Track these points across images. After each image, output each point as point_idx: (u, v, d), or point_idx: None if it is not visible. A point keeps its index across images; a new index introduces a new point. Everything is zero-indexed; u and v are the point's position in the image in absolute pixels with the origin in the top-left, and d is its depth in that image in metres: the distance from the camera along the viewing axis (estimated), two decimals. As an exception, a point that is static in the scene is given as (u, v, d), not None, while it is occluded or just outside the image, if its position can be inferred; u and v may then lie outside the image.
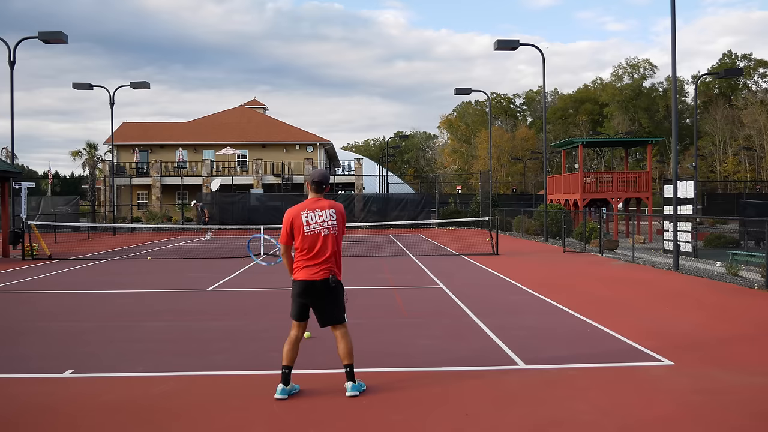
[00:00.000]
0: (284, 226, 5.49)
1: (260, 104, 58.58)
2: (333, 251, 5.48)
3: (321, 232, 5.44)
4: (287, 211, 5.54)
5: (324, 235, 5.44)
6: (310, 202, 5.54)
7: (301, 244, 5.43)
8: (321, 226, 5.44)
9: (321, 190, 5.58)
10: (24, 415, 5.09)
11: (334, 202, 5.59)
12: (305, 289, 5.44)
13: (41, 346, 7.54)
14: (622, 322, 8.64)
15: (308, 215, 5.45)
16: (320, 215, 5.46)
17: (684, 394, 5.51)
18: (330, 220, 5.48)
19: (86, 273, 15.38)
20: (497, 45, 23.96)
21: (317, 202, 5.53)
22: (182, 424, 4.85)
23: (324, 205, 5.52)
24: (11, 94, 22.14)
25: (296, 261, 5.51)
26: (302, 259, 5.46)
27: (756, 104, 66.41)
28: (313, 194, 5.57)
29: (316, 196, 5.57)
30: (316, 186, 5.56)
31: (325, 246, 5.44)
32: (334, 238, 5.50)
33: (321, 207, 5.50)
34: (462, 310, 9.70)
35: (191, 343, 7.65)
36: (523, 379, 6.00)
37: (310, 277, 5.41)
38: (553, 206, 27.23)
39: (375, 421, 4.90)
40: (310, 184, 5.58)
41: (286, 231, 5.48)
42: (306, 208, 5.49)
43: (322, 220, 5.45)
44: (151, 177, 45.77)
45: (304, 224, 5.43)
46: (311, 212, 5.46)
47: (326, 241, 5.45)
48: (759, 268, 13.26)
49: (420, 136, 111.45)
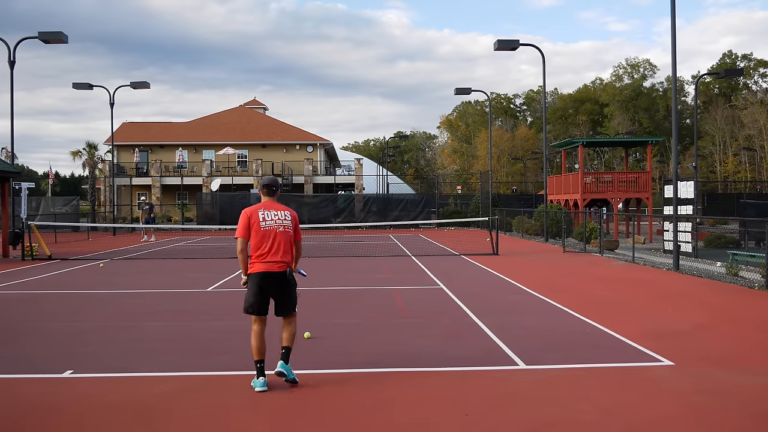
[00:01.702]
0: (241, 221, 5.80)
1: (260, 104, 58.56)
2: (287, 248, 5.82)
3: (276, 229, 5.78)
4: (244, 210, 5.88)
5: (278, 231, 5.78)
6: (265, 204, 5.93)
7: (257, 240, 5.74)
8: (276, 223, 5.80)
9: (272, 194, 5.99)
10: (27, 415, 5.09)
11: (288, 207, 6.00)
12: (265, 279, 5.70)
13: (41, 347, 7.54)
14: (622, 322, 8.64)
15: (264, 213, 5.82)
16: (276, 214, 5.84)
17: (685, 395, 5.50)
18: (285, 219, 5.86)
19: (86, 273, 15.37)
20: (497, 45, 23.97)
21: (272, 204, 5.93)
22: (184, 424, 4.85)
23: (279, 207, 5.92)
24: (11, 94, 22.15)
25: (252, 256, 5.78)
26: (258, 254, 5.73)
27: (756, 104, 66.38)
28: (266, 198, 5.98)
29: (269, 199, 5.97)
30: (267, 190, 5.99)
31: (280, 242, 5.76)
32: (289, 236, 5.85)
33: (276, 209, 5.89)
34: (462, 310, 9.70)
35: (192, 343, 7.65)
36: (523, 379, 6.00)
37: (268, 269, 5.70)
38: (553, 206, 27.23)
39: (375, 421, 4.90)
40: (261, 189, 6.02)
41: (244, 225, 5.77)
42: (262, 208, 5.88)
43: (277, 218, 5.82)
44: (151, 177, 45.73)
45: (260, 220, 5.77)
46: (267, 211, 5.84)
47: (281, 238, 5.78)
48: (759, 268, 13.26)
49: (420, 136, 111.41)
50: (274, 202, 5.97)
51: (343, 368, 6.37)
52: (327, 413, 5.08)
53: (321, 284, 12.87)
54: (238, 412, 5.12)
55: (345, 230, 35.80)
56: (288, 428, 4.79)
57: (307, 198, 41.68)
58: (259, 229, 5.76)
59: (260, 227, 5.77)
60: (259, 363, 5.66)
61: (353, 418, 4.97)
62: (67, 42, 23.20)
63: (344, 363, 6.58)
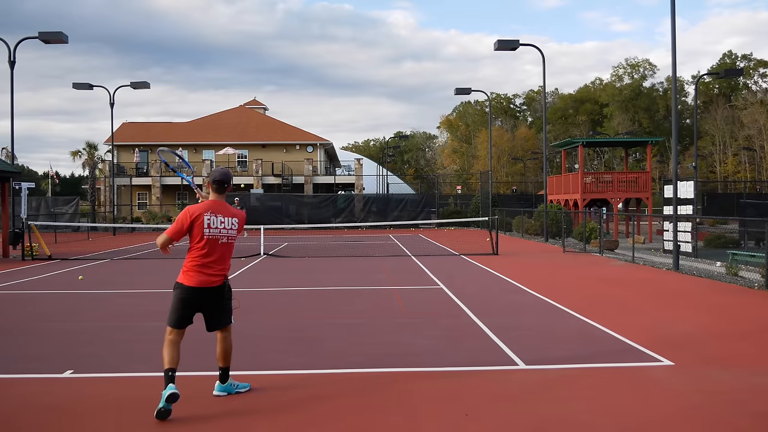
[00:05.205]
0: (181, 221, 5.16)
1: (260, 104, 58.58)
2: (228, 257, 5.32)
3: (220, 239, 5.21)
4: (188, 207, 5.24)
5: (222, 242, 5.22)
6: (214, 205, 5.26)
7: (198, 246, 5.16)
8: (221, 233, 5.21)
9: (223, 191, 5.32)
10: (27, 415, 5.09)
11: (238, 210, 5.39)
12: (198, 296, 5.16)
13: (41, 347, 7.54)
14: (621, 322, 8.64)
15: (210, 218, 5.18)
16: (222, 222, 5.22)
17: (684, 394, 5.51)
18: (231, 228, 5.27)
19: (86, 273, 15.37)
20: (497, 45, 24.00)
21: (222, 207, 5.27)
22: (183, 424, 4.85)
23: (228, 212, 5.28)
24: (11, 94, 22.17)
25: (188, 262, 5.21)
26: (197, 262, 5.17)
27: (756, 104, 66.39)
28: (215, 195, 5.31)
29: (217, 197, 5.32)
30: (217, 185, 5.29)
31: (222, 253, 5.24)
32: (231, 247, 5.33)
33: (225, 214, 5.25)
34: (462, 310, 9.70)
35: (191, 343, 7.63)
36: (523, 379, 6.00)
37: (203, 284, 5.15)
38: (553, 206, 27.23)
39: (375, 422, 4.90)
40: (211, 183, 5.30)
41: (179, 229, 5.16)
42: (210, 211, 5.21)
43: (223, 227, 5.22)
44: (151, 177, 45.76)
45: (205, 227, 5.15)
46: (214, 216, 5.20)
47: (224, 249, 5.25)
48: (759, 268, 13.27)
49: (420, 136, 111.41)
50: (223, 203, 5.31)
51: (342, 368, 6.37)
52: (327, 413, 5.08)
53: (321, 284, 12.87)
54: (237, 412, 5.12)
55: (345, 230, 35.80)
56: (288, 428, 4.79)
57: (307, 198, 41.69)
58: (201, 235, 5.14)
59: (203, 234, 5.15)
60: (170, 372, 5.03)
61: (353, 418, 4.97)
62: (67, 42, 23.24)
63: (344, 363, 6.58)
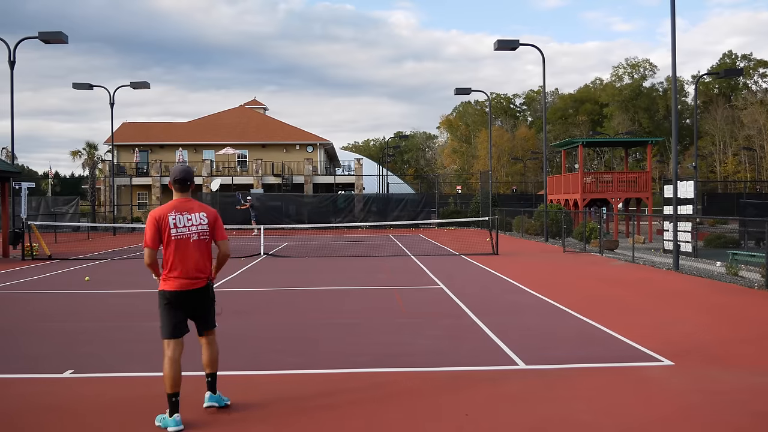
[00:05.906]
0: (150, 227, 4.80)
1: (260, 104, 58.57)
2: (205, 258, 4.94)
3: (189, 237, 4.85)
4: (151, 212, 4.87)
5: (192, 240, 4.86)
6: (177, 203, 4.93)
7: (168, 252, 4.83)
8: (190, 231, 4.86)
9: (186, 189, 4.98)
10: (28, 415, 5.09)
11: (205, 205, 5.09)
12: (182, 300, 4.86)
13: (42, 347, 7.55)
14: (621, 322, 8.64)
15: (176, 218, 4.84)
16: (189, 218, 4.88)
17: (684, 394, 5.51)
18: (200, 224, 4.92)
19: (86, 273, 15.37)
20: (497, 45, 23.99)
21: (186, 203, 4.95)
22: (184, 424, 4.85)
23: (194, 207, 4.95)
24: (11, 94, 22.17)
25: (165, 270, 4.89)
26: (173, 267, 4.83)
27: (756, 104, 66.40)
28: (179, 194, 4.97)
29: (182, 196, 4.97)
30: (179, 185, 4.96)
31: (194, 253, 4.86)
32: (206, 244, 4.96)
33: (190, 209, 4.92)
34: (462, 310, 9.70)
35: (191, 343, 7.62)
36: (523, 379, 6.00)
37: (184, 287, 4.84)
38: (553, 206, 27.23)
39: (375, 422, 4.90)
40: (173, 183, 4.98)
41: (153, 233, 4.79)
42: (174, 210, 4.87)
43: (191, 224, 4.88)
44: (151, 177, 45.76)
45: (171, 227, 4.81)
46: (179, 214, 4.86)
47: (197, 247, 4.88)
48: (759, 268, 13.26)
49: (420, 136, 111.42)
50: (188, 200, 4.96)
51: (342, 368, 6.37)
52: (326, 414, 5.08)
53: (320, 284, 12.87)
54: (237, 412, 5.12)
55: (345, 230, 35.81)
56: (287, 428, 4.79)
57: (307, 198, 41.68)
58: (170, 238, 4.80)
59: (171, 236, 4.80)
60: (174, 397, 4.77)
61: (353, 419, 4.97)
62: (66, 42, 23.23)
63: (344, 363, 6.58)
